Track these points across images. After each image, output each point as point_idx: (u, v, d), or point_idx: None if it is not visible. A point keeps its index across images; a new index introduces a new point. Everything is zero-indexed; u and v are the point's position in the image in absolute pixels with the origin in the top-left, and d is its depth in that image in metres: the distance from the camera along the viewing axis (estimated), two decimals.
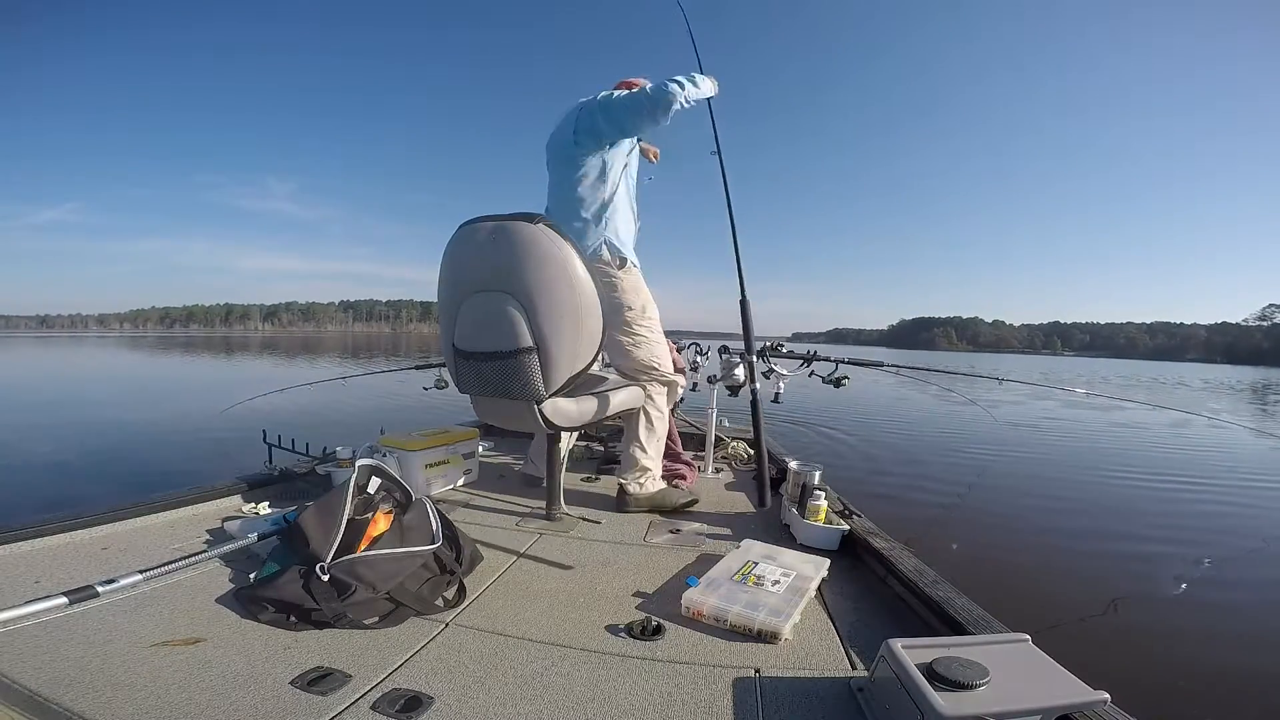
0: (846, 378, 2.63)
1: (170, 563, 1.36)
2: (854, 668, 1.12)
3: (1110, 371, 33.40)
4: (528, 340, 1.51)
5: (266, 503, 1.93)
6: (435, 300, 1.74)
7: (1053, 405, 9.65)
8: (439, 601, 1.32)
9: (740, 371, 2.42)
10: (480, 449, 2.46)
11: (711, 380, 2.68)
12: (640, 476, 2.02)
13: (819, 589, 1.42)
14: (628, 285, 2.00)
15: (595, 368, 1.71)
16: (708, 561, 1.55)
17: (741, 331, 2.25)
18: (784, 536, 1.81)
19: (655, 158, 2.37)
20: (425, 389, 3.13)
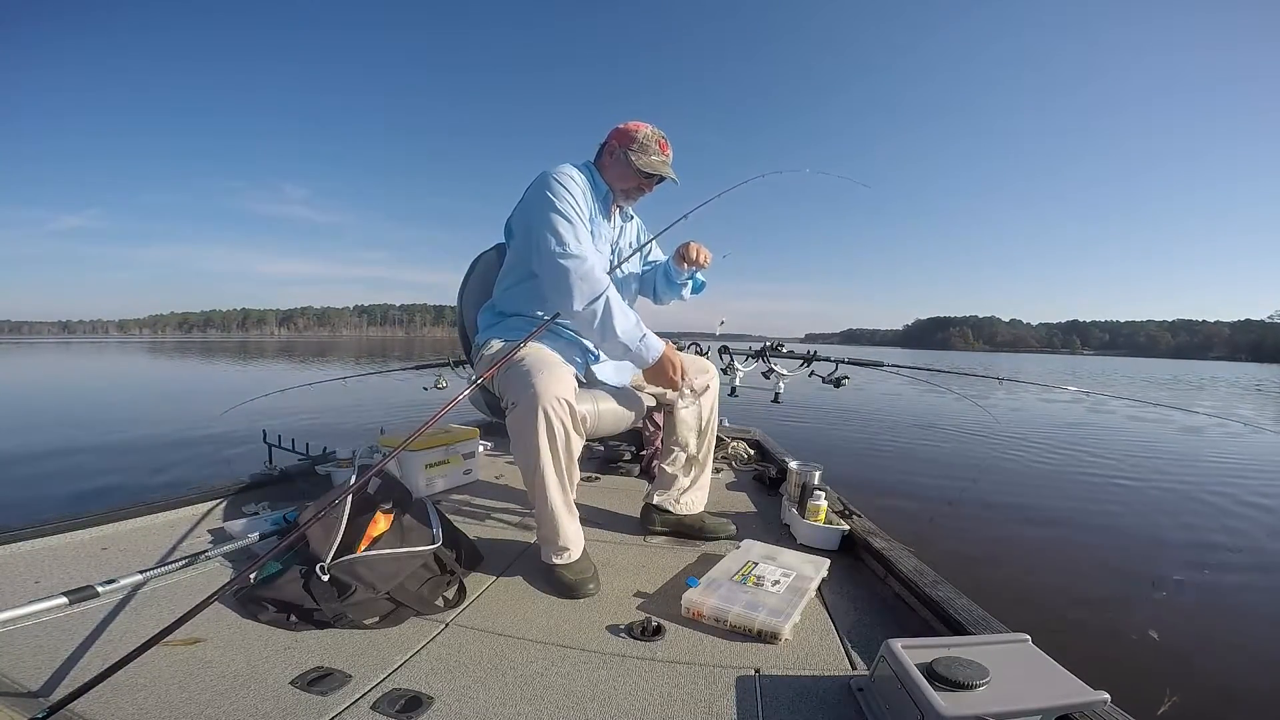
0: (847, 378, 2.64)
1: (170, 563, 1.36)
2: (854, 668, 1.12)
3: (1133, 371, 32.06)
4: None
5: (266, 503, 1.94)
6: (448, 304, 1.75)
7: (1054, 405, 9.65)
8: (439, 601, 1.32)
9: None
10: (480, 449, 2.46)
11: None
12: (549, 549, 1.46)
13: (819, 589, 1.41)
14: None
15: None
16: (708, 561, 1.55)
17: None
18: (784, 536, 1.81)
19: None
20: (425, 389, 3.13)
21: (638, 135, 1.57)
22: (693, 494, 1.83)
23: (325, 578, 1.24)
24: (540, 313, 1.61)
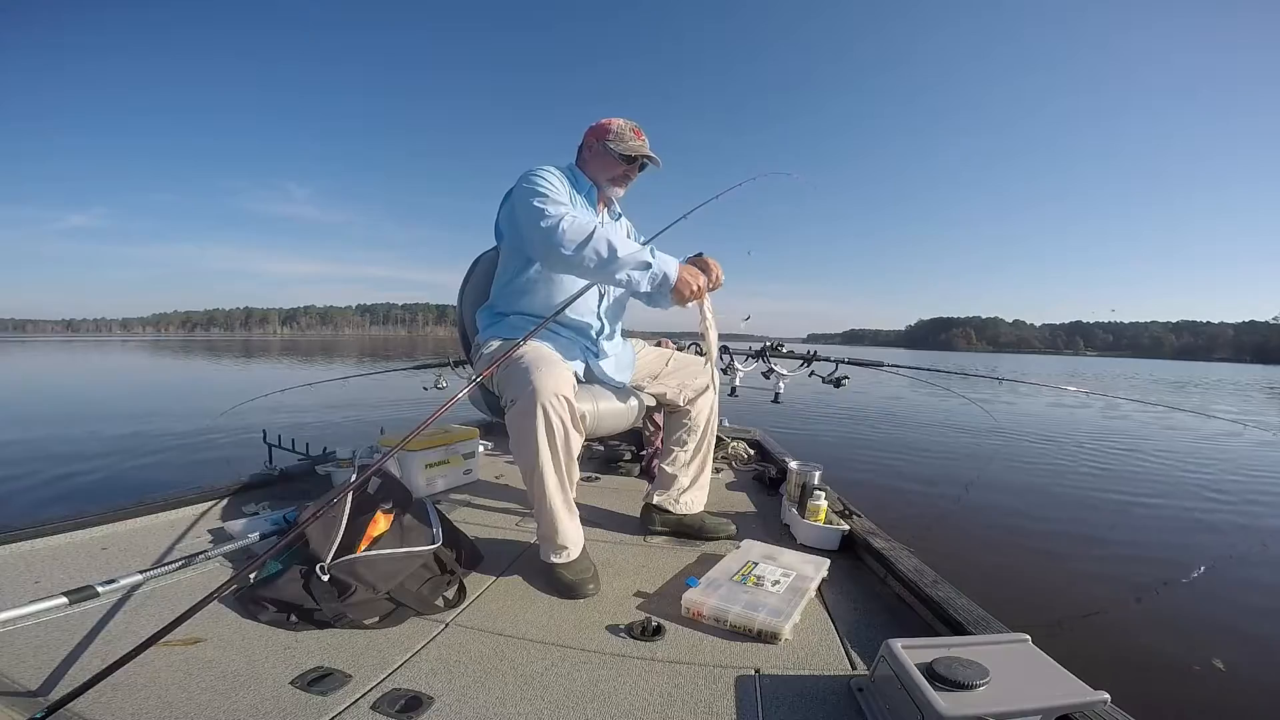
0: (847, 378, 2.64)
1: (170, 563, 1.36)
2: (854, 668, 1.12)
3: (1139, 373, 31.27)
4: None
5: (266, 503, 1.94)
6: (450, 303, 1.73)
7: (1054, 405, 9.65)
8: (439, 601, 1.32)
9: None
10: (480, 449, 2.46)
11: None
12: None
13: (819, 589, 1.41)
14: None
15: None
16: (708, 561, 1.55)
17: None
18: (784, 536, 1.81)
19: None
20: (425, 389, 3.13)
21: (612, 127, 1.64)
22: (693, 494, 1.83)
23: (325, 578, 1.24)
24: (538, 311, 1.62)
